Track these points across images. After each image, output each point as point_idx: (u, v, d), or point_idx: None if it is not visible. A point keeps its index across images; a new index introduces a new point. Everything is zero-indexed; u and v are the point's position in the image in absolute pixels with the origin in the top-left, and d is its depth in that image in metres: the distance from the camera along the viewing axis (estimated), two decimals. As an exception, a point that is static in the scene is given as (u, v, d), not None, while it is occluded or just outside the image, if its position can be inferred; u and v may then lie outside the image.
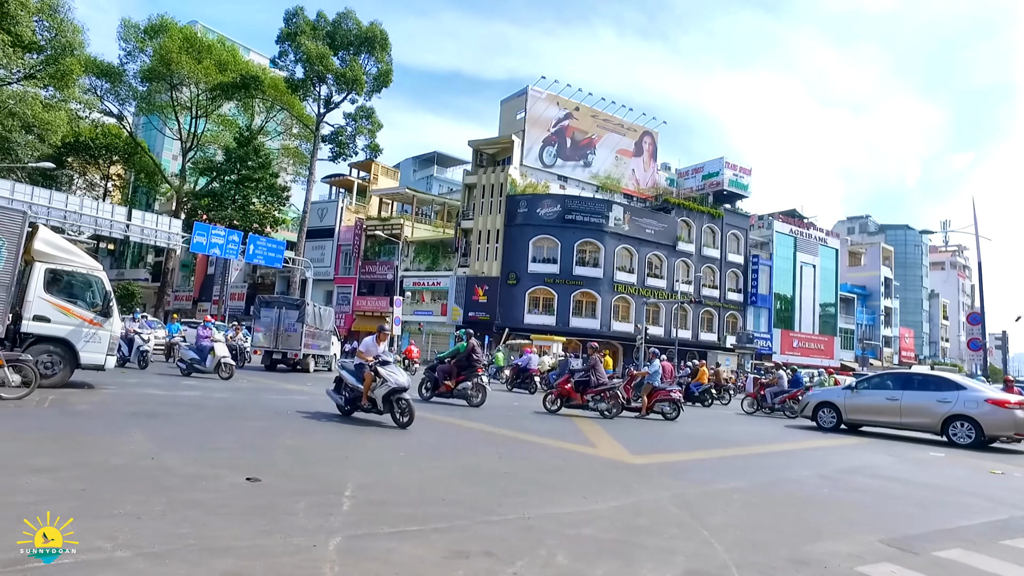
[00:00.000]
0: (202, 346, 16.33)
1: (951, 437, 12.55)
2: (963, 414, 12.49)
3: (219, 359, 15.99)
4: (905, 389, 13.67)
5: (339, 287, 47.57)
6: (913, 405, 13.19)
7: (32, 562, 3.19)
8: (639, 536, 4.61)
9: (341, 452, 7.23)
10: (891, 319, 68.16)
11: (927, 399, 13.09)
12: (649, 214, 45.72)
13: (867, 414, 14.18)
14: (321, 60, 37.26)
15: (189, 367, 16.24)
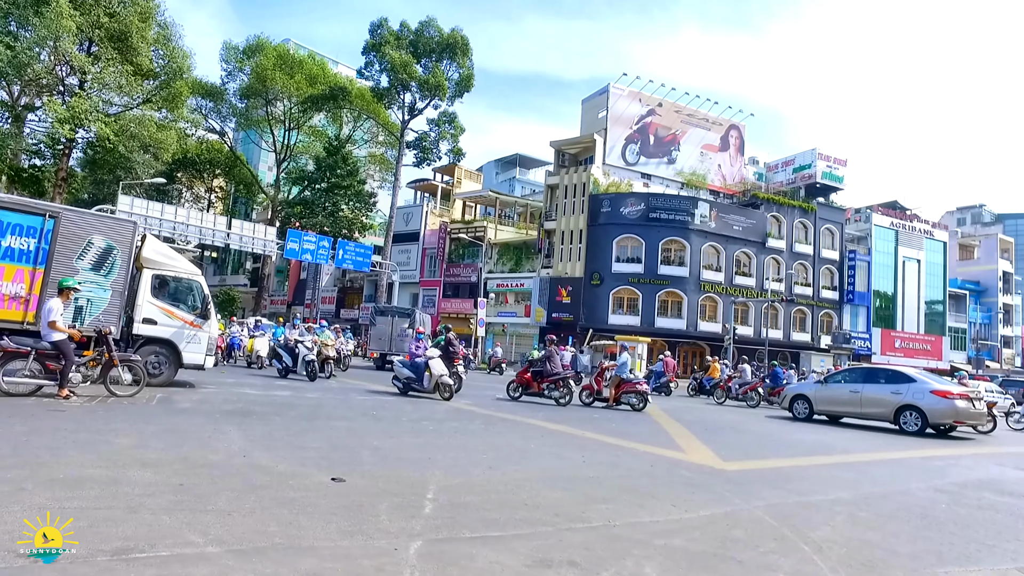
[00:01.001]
0: (417, 363, 13.63)
1: (901, 425, 13.84)
2: (912, 404, 13.73)
3: (436, 378, 13.14)
4: (866, 383, 15.06)
5: (424, 289, 48.56)
6: (871, 397, 14.58)
7: (134, 552, 3.33)
8: (734, 549, 4.34)
9: (425, 453, 7.27)
10: (1011, 317, 62.66)
11: (883, 391, 14.46)
12: (736, 210, 44.09)
13: (834, 405, 15.52)
14: (405, 68, 38.24)
15: (405, 386, 13.82)
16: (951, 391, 13.65)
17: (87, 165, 38.75)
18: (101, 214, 12.31)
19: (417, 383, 13.38)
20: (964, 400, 13.43)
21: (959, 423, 13.71)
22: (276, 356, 16.91)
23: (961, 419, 13.49)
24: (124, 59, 30.53)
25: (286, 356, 16.25)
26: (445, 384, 13.09)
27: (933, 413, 13.44)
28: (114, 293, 10.71)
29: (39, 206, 10.40)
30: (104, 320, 10.40)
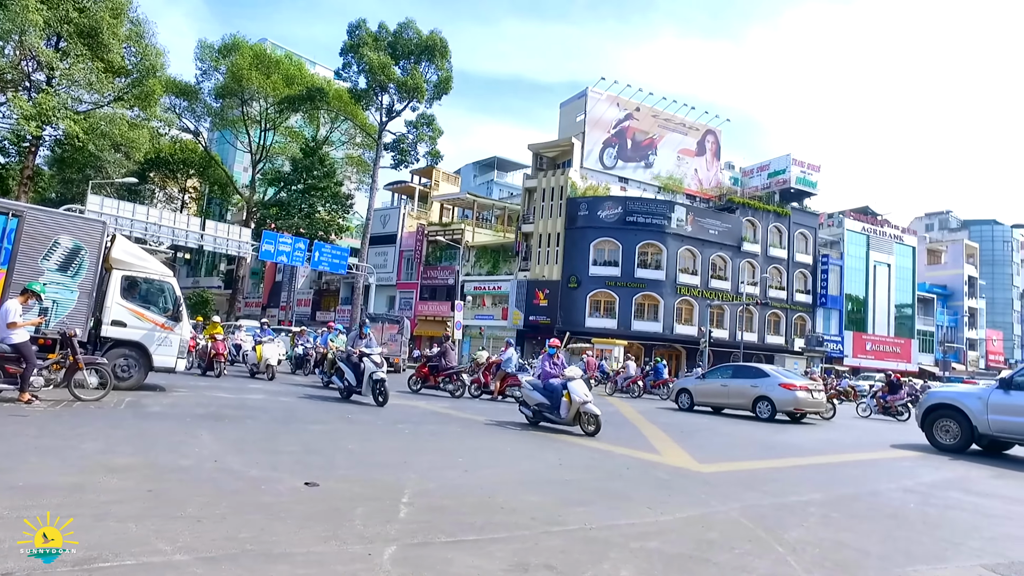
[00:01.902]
0: (553, 386, 10.55)
1: (757, 413, 16.16)
2: (765, 395, 16.11)
3: (578, 406, 10.05)
4: (732, 378, 17.58)
5: (401, 292, 48.31)
6: (735, 389, 17.03)
7: (98, 561, 3.23)
8: (709, 551, 4.35)
9: (401, 457, 7.21)
10: (976, 320, 64.21)
11: (744, 384, 16.84)
12: (713, 214, 44.57)
13: (709, 397, 17.76)
14: (383, 70, 37.98)
15: (536, 415, 10.85)
16: (794, 384, 16.11)
17: (55, 163, 37.84)
18: (69, 213, 12.02)
19: (552, 412, 10.44)
20: (804, 392, 15.82)
21: (800, 410, 15.99)
22: (337, 372, 13.73)
23: (801, 407, 15.86)
24: (94, 55, 29.88)
25: (349, 373, 13.08)
26: (590, 414, 9.92)
27: (780, 402, 15.82)
28: (81, 294, 10.47)
29: (2, 204, 10.12)
30: (71, 322, 10.15)
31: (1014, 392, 10.45)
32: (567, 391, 10.14)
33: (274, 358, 17.46)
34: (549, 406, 10.50)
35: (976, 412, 10.78)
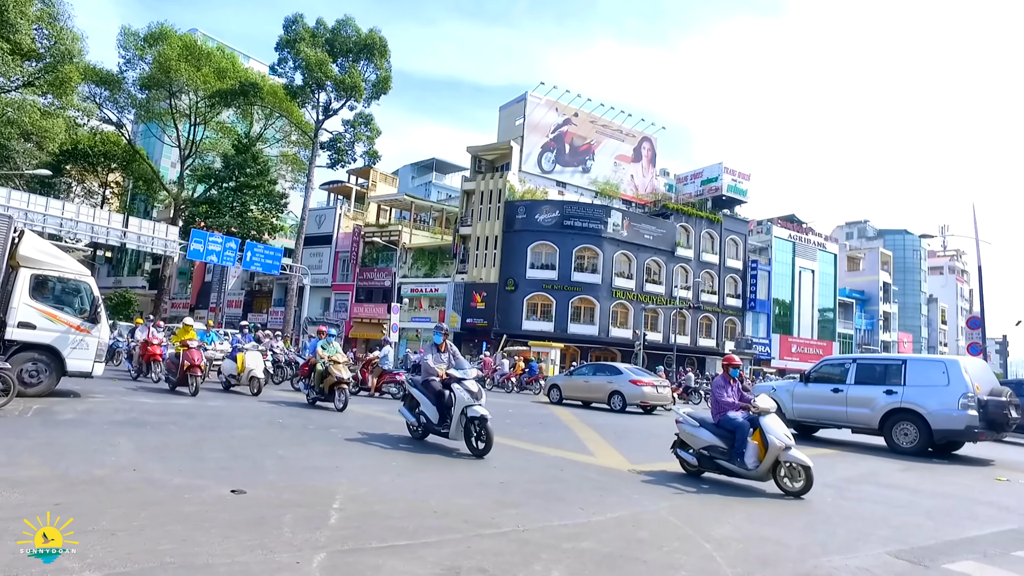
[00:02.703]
0: (735, 423, 7.36)
1: (611, 406, 18.28)
2: (618, 390, 18.39)
3: (778, 452, 6.93)
4: (593, 375, 20.12)
5: (337, 294, 47.39)
6: (594, 384, 19.37)
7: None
8: (639, 550, 4.44)
9: (333, 462, 7.06)
10: (890, 324, 67.96)
11: (601, 380, 19.27)
12: (648, 220, 45.59)
13: (574, 392, 19.97)
14: (320, 67, 37.16)
15: (708, 463, 7.50)
16: (642, 380, 18.49)
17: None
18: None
19: (729, 458, 7.27)
20: (650, 387, 18.38)
21: (647, 404, 18.28)
22: (407, 401, 9.24)
23: (648, 400, 18.20)
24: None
25: (428, 404, 8.61)
26: (797, 465, 6.87)
27: (629, 396, 18.04)
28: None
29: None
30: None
31: (810, 384, 13.15)
32: (759, 429, 7.10)
33: (259, 369, 14.57)
34: (724, 450, 7.30)
35: (785, 401, 13.17)
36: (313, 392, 12.86)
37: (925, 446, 11.29)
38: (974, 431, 10.82)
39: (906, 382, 11.72)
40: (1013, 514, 6.84)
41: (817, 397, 12.81)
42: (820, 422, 13.12)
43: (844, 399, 12.40)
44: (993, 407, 10.90)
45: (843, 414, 12.45)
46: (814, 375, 13.35)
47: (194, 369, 13.01)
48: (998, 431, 11.24)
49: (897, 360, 12.61)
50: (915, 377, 11.69)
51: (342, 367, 12.45)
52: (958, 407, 10.88)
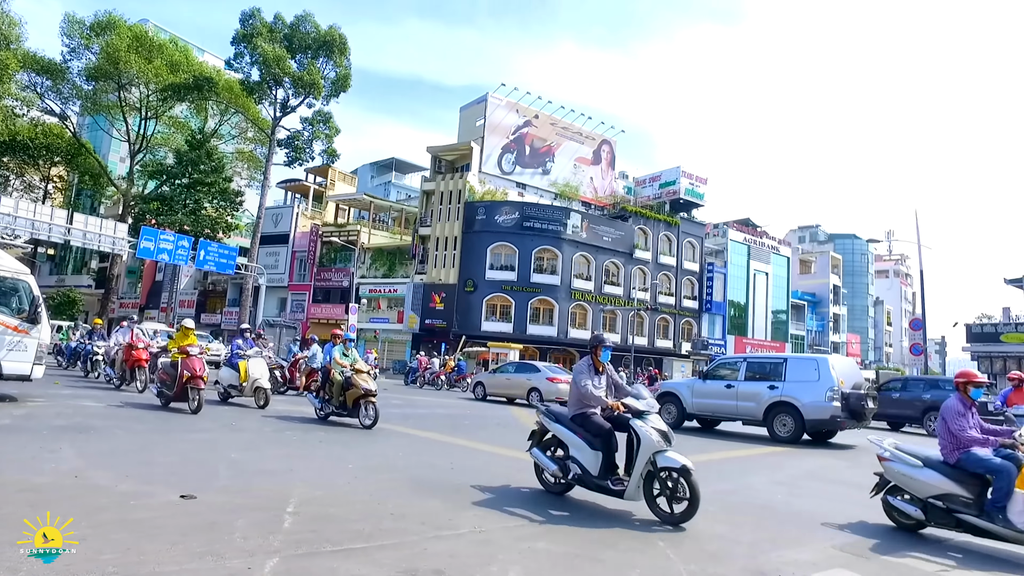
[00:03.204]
0: (987, 463, 5.29)
1: (530, 401, 19.07)
2: (535, 386, 19.47)
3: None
4: (515, 372, 21.50)
5: (293, 294, 46.61)
6: (516, 382, 20.57)
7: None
8: (595, 549, 4.49)
9: (287, 465, 6.93)
10: (839, 325, 70.13)
11: (521, 377, 20.55)
12: (606, 222, 46.08)
13: (496, 388, 21.18)
14: (278, 63, 36.45)
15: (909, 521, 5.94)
16: (559, 378, 19.46)
17: None
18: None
19: (979, 513, 5.22)
20: (565, 384, 18.26)
21: (561, 399, 17.93)
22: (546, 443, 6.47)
23: (562, 397, 17.90)
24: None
25: (582, 446, 5.89)
26: None
27: (546, 393, 18.87)
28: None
29: None
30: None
31: (707, 381, 14.16)
32: None
33: (265, 378, 12.79)
34: (969, 500, 5.28)
35: (685, 397, 14.28)
36: (330, 406, 11.02)
37: (799, 435, 12.49)
38: (837, 420, 12.21)
39: (786, 378, 12.92)
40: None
41: (713, 393, 13.83)
42: (715, 415, 14.12)
43: (735, 394, 13.47)
44: (854, 399, 12.35)
45: (734, 407, 13.52)
46: (711, 372, 14.52)
47: (196, 381, 10.68)
48: (859, 420, 12.69)
49: (779, 359, 14.01)
50: (793, 374, 12.92)
51: (367, 377, 10.79)
52: (825, 400, 12.17)
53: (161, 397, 11.42)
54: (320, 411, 11.33)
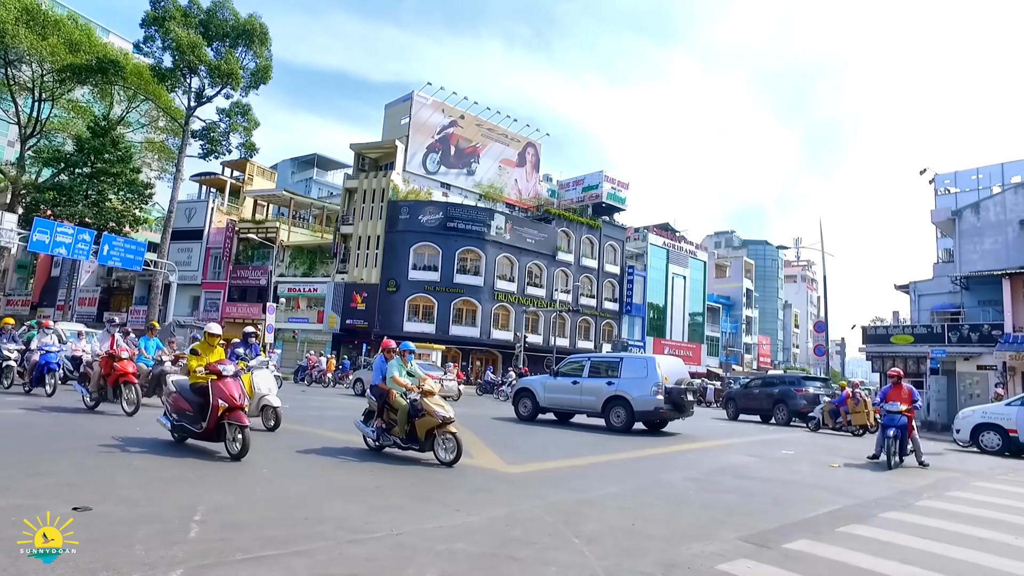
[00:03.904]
0: None
1: None
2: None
3: None
4: None
5: (207, 292, 44.64)
6: None
7: None
8: (512, 548, 4.52)
9: (196, 471, 6.62)
10: (752, 327, 73.53)
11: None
12: (530, 224, 46.52)
13: None
14: (193, 50, 34.72)
15: None
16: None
17: None
18: None
19: None
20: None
21: None
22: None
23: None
24: None
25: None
26: None
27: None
28: None
29: None
30: None
31: (558, 378, 15.41)
32: None
33: (274, 393, 10.40)
34: None
35: (539, 392, 15.54)
36: (389, 437, 8.52)
37: (631, 425, 14.04)
38: (660, 411, 13.94)
39: (621, 375, 14.46)
40: (840, 495, 7.71)
41: (561, 388, 15.10)
42: (564, 408, 15.34)
43: (580, 389, 14.88)
44: (675, 393, 14.09)
45: (579, 401, 14.94)
46: (561, 370, 15.77)
47: (236, 415, 7.42)
48: (680, 411, 14.48)
49: (617, 358, 15.50)
50: (627, 371, 14.44)
51: (441, 401, 8.37)
52: (651, 394, 13.81)
53: (177, 430, 8.12)
54: (375, 441, 8.71)
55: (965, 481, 9.74)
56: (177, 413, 7.99)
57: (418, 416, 8.14)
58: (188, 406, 7.80)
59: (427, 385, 8.37)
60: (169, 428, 8.12)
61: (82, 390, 11.33)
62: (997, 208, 28.03)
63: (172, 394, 8.23)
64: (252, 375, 10.03)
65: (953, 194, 34.24)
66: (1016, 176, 32.94)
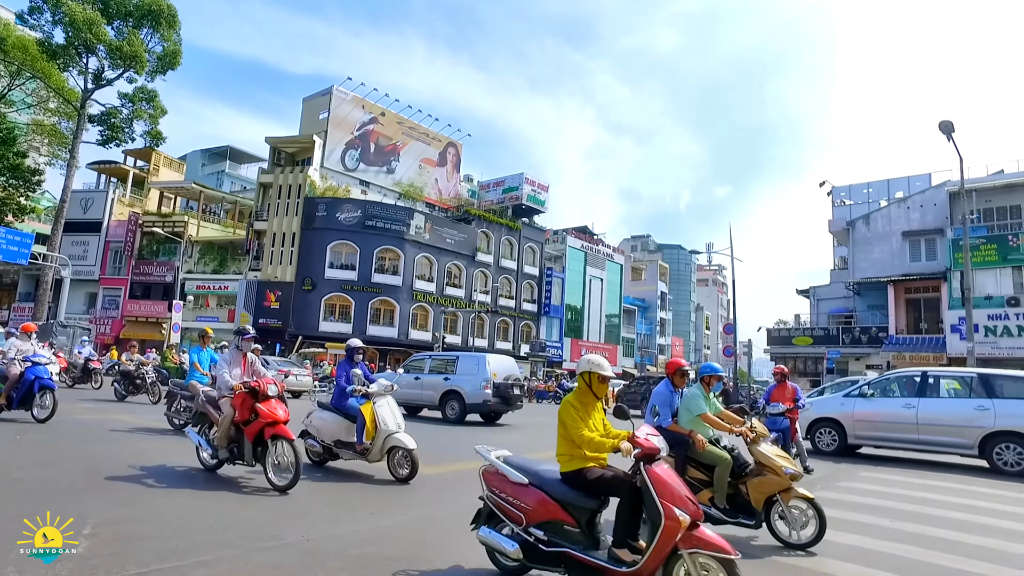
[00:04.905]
0: None
1: None
2: None
3: None
4: None
5: (106, 289, 41.94)
6: None
7: None
8: (425, 551, 4.49)
9: (88, 481, 6.18)
10: (666, 329, 76.17)
11: None
12: (450, 224, 46.37)
13: None
14: (90, 27, 32.29)
15: None
16: (285, 371, 20.67)
17: None
18: None
19: None
20: (292, 376, 20.64)
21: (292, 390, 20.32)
22: None
23: (289, 387, 19.59)
24: None
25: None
26: None
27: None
28: None
29: None
30: None
31: (404, 374, 15.99)
32: None
33: (403, 430, 7.62)
34: None
35: (403, 387, 15.84)
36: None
37: (464, 416, 15.52)
38: (488, 404, 15.47)
39: (457, 372, 16.06)
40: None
41: (406, 383, 15.96)
42: (409, 403, 16.06)
43: (421, 384, 16.35)
44: (502, 388, 15.67)
45: (420, 396, 16.30)
46: (407, 367, 17.03)
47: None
48: (509, 405, 16.06)
49: (453, 356, 17.20)
50: (462, 368, 16.08)
51: None
52: (480, 388, 15.36)
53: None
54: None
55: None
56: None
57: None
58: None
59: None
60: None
61: (199, 441, 7.19)
62: (884, 220, 30.23)
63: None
64: (374, 405, 7.53)
65: (848, 206, 36.61)
66: (899, 192, 35.60)
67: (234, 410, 6.65)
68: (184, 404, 10.15)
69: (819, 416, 12.34)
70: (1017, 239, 25.17)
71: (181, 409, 10.29)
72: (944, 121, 18.82)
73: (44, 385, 9.98)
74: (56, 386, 10.24)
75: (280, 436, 6.41)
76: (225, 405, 6.85)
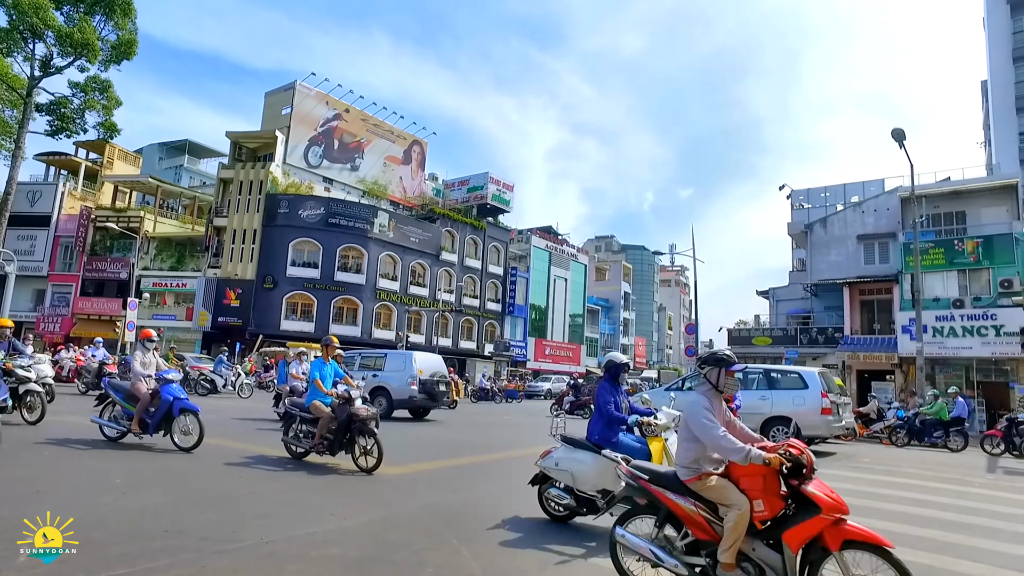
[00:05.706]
0: None
1: None
2: None
3: None
4: None
5: (55, 286, 40.53)
6: None
7: None
8: (389, 551, 4.45)
9: (33, 486, 5.94)
10: (629, 329, 77.00)
11: None
12: (414, 223, 46.09)
13: None
14: (36, 11, 30.94)
15: None
16: None
17: None
18: None
19: None
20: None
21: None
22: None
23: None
24: None
25: None
26: None
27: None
28: None
29: None
30: None
31: None
32: None
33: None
34: None
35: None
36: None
37: (391, 412, 15.88)
38: (414, 400, 16.13)
39: (385, 368, 16.56)
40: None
41: None
42: None
43: None
44: (428, 384, 16.38)
45: None
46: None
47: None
48: (435, 401, 16.73)
49: (382, 354, 17.74)
50: (389, 365, 16.65)
51: None
52: (407, 385, 16.02)
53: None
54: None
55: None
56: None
57: None
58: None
59: None
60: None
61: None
62: (840, 224, 31.05)
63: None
64: (666, 443, 5.70)
65: (806, 209, 37.51)
66: (855, 196, 36.65)
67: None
68: (305, 429, 8.39)
69: None
70: (962, 243, 26.08)
71: (302, 435, 8.42)
72: (896, 129, 19.46)
73: (185, 408, 8.60)
74: (199, 408, 8.77)
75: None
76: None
